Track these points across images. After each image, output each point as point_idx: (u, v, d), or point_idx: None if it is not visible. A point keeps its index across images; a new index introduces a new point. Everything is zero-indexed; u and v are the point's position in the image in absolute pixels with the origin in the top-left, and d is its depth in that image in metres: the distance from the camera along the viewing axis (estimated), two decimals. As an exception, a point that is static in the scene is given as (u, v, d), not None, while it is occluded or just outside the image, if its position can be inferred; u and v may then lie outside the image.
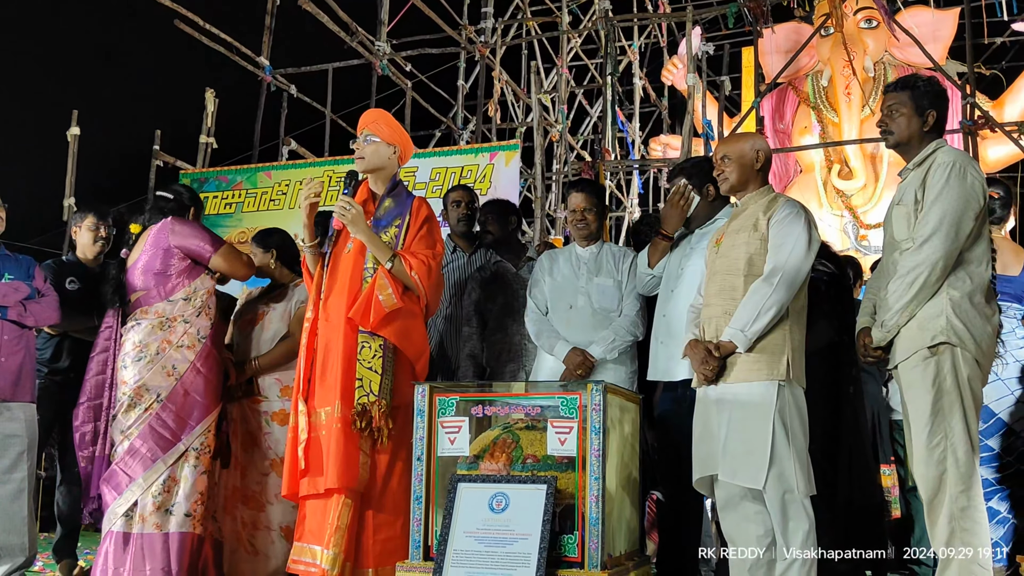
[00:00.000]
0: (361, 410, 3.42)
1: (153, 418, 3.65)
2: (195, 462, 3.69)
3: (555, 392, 3.20)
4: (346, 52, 9.32)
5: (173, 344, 3.74)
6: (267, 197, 7.32)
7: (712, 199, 3.73)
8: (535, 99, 8.30)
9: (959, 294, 2.93)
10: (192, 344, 3.77)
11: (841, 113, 9.54)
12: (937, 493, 2.86)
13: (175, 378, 3.71)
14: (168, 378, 3.70)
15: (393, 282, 3.52)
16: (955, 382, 2.89)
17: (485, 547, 2.98)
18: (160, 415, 3.66)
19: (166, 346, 3.74)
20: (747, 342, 3.05)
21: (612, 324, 3.82)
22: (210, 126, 8.36)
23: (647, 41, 12.35)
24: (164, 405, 3.67)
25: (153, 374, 3.70)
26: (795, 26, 9.95)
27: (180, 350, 3.75)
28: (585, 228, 3.96)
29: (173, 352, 3.73)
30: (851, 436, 3.64)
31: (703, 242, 3.63)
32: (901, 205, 3.11)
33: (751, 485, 3.00)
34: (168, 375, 3.71)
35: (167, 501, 3.63)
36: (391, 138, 3.72)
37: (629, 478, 3.36)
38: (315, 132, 9.71)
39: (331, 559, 3.35)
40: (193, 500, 3.65)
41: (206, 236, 3.90)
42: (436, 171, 6.80)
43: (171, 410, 3.68)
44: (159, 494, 3.61)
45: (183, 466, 3.67)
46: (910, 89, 3.13)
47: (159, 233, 3.86)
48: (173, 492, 3.64)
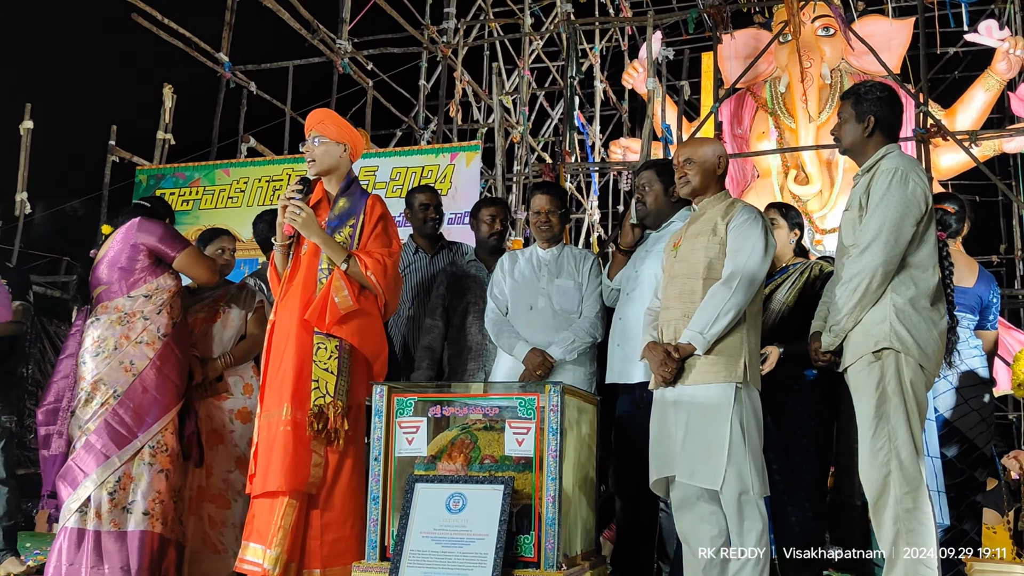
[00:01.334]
0: (318, 412, 3.41)
1: (109, 413, 3.62)
2: (151, 460, 3.65)
3: (513, 393, 3.22)
4: (307, 50, 9.27)
5: (132, 340, 3.72)
6: (225, 194, 7.25)
7: (675, 200, 3.79)
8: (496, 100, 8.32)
9: (902, 300, 3.00)
10: (152, 341, 3.74)
11: (798, 119, 9.65)
12: (882, 495, 2.93)
13: (132, 374, 3.68)
14: (126, 374, 3.67)
15: (349, 283, 3.51)
16: (898, 386, 2.95)
17: (442, 547, 2.99)
18: (116, 411, 3.63)
19: (124, 342, 3.71)
20: (706, 344, 3.10)
21: (572, 325, 3.86)
22: (168, 122, 8.28)
23: (608, 45, 12.41)
24: (121, 401, 3.64)
25: (111, 369, 3.67)
26: (754, 32, 10.06)
27: (139, 346, 3.72)
28: (548, 230, 4.00)
29: (131, 348, 3.71)
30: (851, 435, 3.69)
31: (659, 245, 3.69)
32: (849, 211, 3.19)
33: (708, 486, 3.05)
34: (126, 371, 3.68)
35: (123, 499, 3.59)
36: (339, 136, 3.71)
37: (586, 479, 3.39)
38: (275, 129, 9.65)
39: (273, 559, 3.33)
40: (151, 498, 3.61)
41: (172, 236, 3.90)
42: (397, 171, 6.79)
43: (128, 406, 3.64)
44: (115, 491, 3.58)
45: (138, 463, 3.63)
46: (853, 96, 3.23)
47: (127, 231, 3.86)
48: (129, 489, 3.60)
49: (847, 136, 3.22)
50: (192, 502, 3.93)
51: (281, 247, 3.65)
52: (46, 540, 5.51)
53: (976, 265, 4.19)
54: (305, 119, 3.83)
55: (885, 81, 5.52)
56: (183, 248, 3.87)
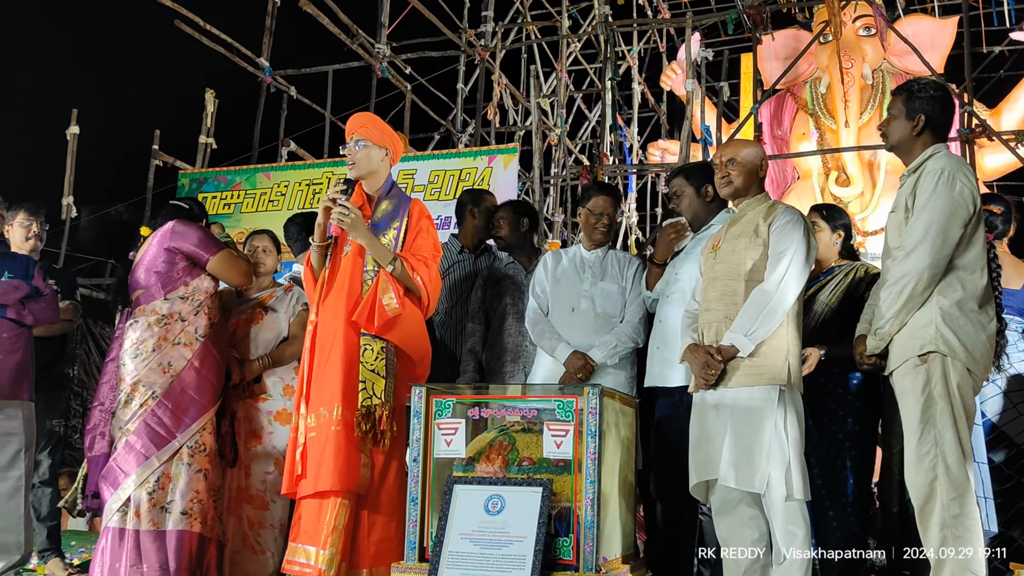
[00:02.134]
0: (366, 413, 3.44)
1: (148, 414, 3.65)
2: (189, 460, 3.68)
3: (552, 395, 3.20)
4: (346, 54, 9.33)
5: (170, 341, 3.75)
6: (266, 198, 7.32)
7: (710, 200, 3.76)
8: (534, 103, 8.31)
9: (949, 302, 2.94)
10: (189, 342, 3.78)
11: (839, 120, 9.54)
12: (928, 500, 2.88)
13: (171, 375, 3.71)
14: (164, 375, 3.71)
15: (395, 285, 3.54)
16: (945, 390, 2.90)
17: (480, 549, 2.99)
18: (155, 411, 3.66)
19: (162, 343, 3.74)
20: (749, 347, 3.08)
21: (615, 329, 3.84)
22: (210, 126, 8.36)
23: (646, 46, 12.36)
24: (159, 402, 3.67)
25: (149, 370, 3.70)
26: (794, 33, 9.97)
27: (177, 347, 3.75)
28: (604, 232, 3.98)
29: (170, 349, 3.74)
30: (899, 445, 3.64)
31: (698, 248, 3.67)
32: (895, 213, 3.14)
33: (751, 489, 3.03)
34: (164, 372, 3.71)
35: (163, 498, 3.62)
36: (381, 140, 3.73)
37: (625, 481, 3.37)
38: (315, 133, 9.72)
39: (327, 559, 3.36)
40: (189, 498, 3.64)
41: (206, 239, 3.92)
42: (435, 173, 6.81)
43: (166, 407, 3.68)
44: (154, 491, 3.61)
45: (176, 463, 3.66)
46: (905, 92, 3.17)
47: (163, 235, 3.90)
48: (168, 489, 3.63)
49: (895, 133, 3.17)
50: (232, 502, 3.96)
51: (319, 248, 3.67)
52: (91, 539, 5.59)
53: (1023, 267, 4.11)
54: (344, 123, 3.85)
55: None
56: (217, 251, 3.90)
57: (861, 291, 3.76)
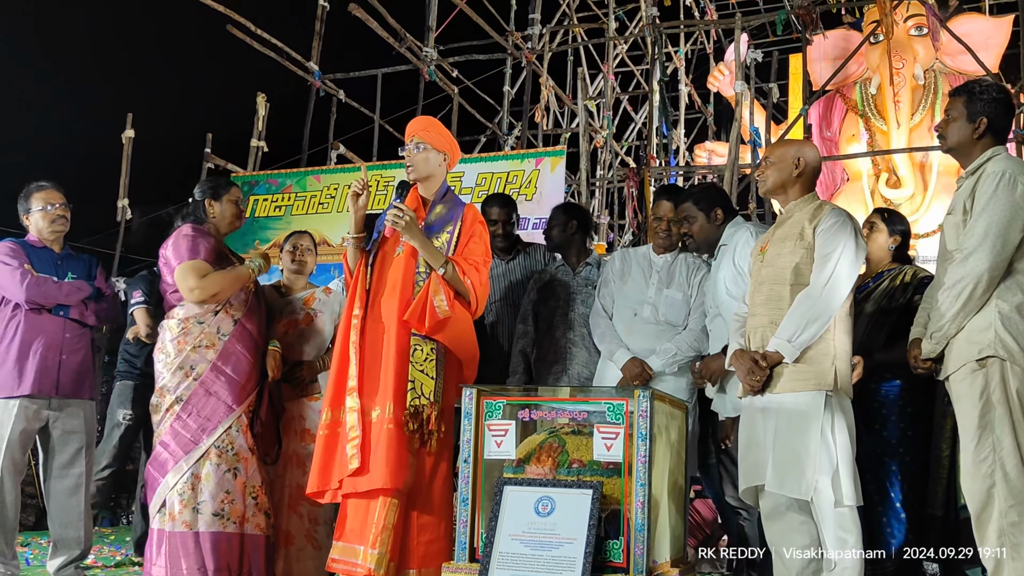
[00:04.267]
0: (414, 412, 3.47)
1: (175, 419, 3.67)
2: (218, 460, 3.67)
3: (602, 398, 3.22)
4: (394, 58, 9.42)
5: (189, 345, 3.73)
6: (316, 200, 7.41)
7: (720, 223, 3.76)
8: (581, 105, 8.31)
9: (1008, 306, 2.90)
10: (211, 344, 3.75)
11: (890, 121, 9.41)
12: (985, 507, 2.84)
13: (193, 379, 3.70)
14: (187, 379, 3.70)
15: (446, 287, 3.57)
16: (1004, 395, 2.86)
17: (530, 550, 3.00)
18: (181, 416, 3.67)
19: (183, 347, 3.73)
20: (794, 353, 3.05)
21: (676, 337, 3.84)
22: (261, 130, 8.49)
23: (693, 48, 12.31)
24: (184, 406, 3.67)
25: (172, 375, 3.71)
26: (844, 33, 9.85)
27: (198, 351, 3.73)
28: (667, 238, 3.98)
29: (191, 354, 3.72)
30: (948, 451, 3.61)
31: (720, 272, 3.72)
32: (952, 215, 3.09)
33: (799, 496, 3.00)
34: (186, 376, 3.70)
35: (193, 499, 3.63)
36: (441, 145, 3.77)
37: (675, 485, 3.37)
38: (363, 137, 9.80)
39: (377, 559, 3.37)
40: (220, 499, 3.64)
41: (180, 248, 3.78)
42: (482, 176, 6.84)
43: (191, 411, 3.67)
44: (184, 492, 3.63)
45: (206, 464, 3.66)
46: (966, 94, 3.11)
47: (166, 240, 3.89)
48: (198, 490, 3.64)
49: (954, 135, 3.11)
50: (292, 499, 4.01)
51: (354, 239, 3.69)
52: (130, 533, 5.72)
53: None
54: (392, 127, 3.89)
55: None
56: (180, 261, 3.76)
57: (909, 295, 3.71)
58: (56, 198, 4.16)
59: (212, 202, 3.97)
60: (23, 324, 3.97)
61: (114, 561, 5.04)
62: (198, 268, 3.75)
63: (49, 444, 4.04)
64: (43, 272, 4.04)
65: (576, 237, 4.43)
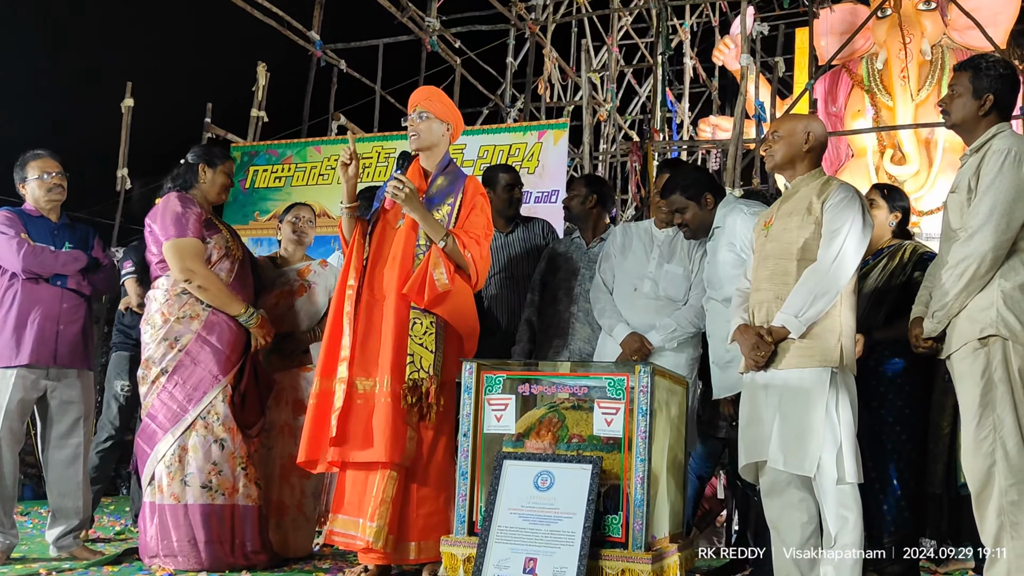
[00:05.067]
0: (412, 385, 3.45)
1: (160, 391, 3.67)
2: (204, 431, 3.67)
3: (603, 372, 3.20)
4: (396, 28, 9.33)
5: (174, 316, 3.72)
6: (316, 171, 7.36)
7: (711, 207, 3.73)
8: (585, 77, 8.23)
9: (1011, 285, 2.87)
10: (196, 314, 3.74)
11: (896, 97, 9.36)
12: (986, 486, 2.82)
13: (178, 350, 3.70)
14: (171, 350, 3.70)
15: (446, 261, 3.54)
16: (1005, 374, 2.83)
17: (530, 524, 3.00)
18: (167, 387, 3.67)
19: (168, 318, 3.72)
20: (800, 328, 3.02)
21: (675, 313, 3.81)
22: (261, 100, 8.41)
23: (698, 20, 12.19)
24: (169, 377, 3.67)
25: (156, 346, 3.71)
26: (851, 7, 9.76)
27: (183, 322, 3.72)
28: (669, 212, 3.94)
29: (176, 325, 3.71)
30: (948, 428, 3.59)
31: (715, 250, 3.70)
32: (956, 193, 3.05)
33: (801, 472, 2.99)
34: (171, 347, 3.70)
35: (180, 471, 3.63)
36: (444, 115, 3.73)
37: (675, 461, 3.36)
38: (364, 107, 9.73)
39: (375, 531, 3.38)
40: (207, 470, 3.64)
41: (169, 222, 3.74)
42: (484, 148, 6.79)
43: (177, 382, 3.67)
44: (172, 464, 3.63)
45: (192, 435, 3.66)
46: (971, 70, 3.05)
47: (153, 209, 3.86)
48: (185, 462, 3.64)
49: (958, 111, 3.06)
50: (284, 471, 4.01)
51: (347, 209, 3.66)
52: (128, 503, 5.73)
53: None
54: (394, 97, 3.86)
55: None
56: (169, 237, 3.73)
57: (909, 272, 3.69)
58: (52, 167, 4.13)
59: (206, 168, 3.95)
60: (20, 294, 3.94)
61: (113, 531, 5.05)
62: (194, 249, 3.74)
63: (47, 414, 4.03)
64: (40, 241, 4.01)
65: (594, 211, 4.36)
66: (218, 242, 3.87)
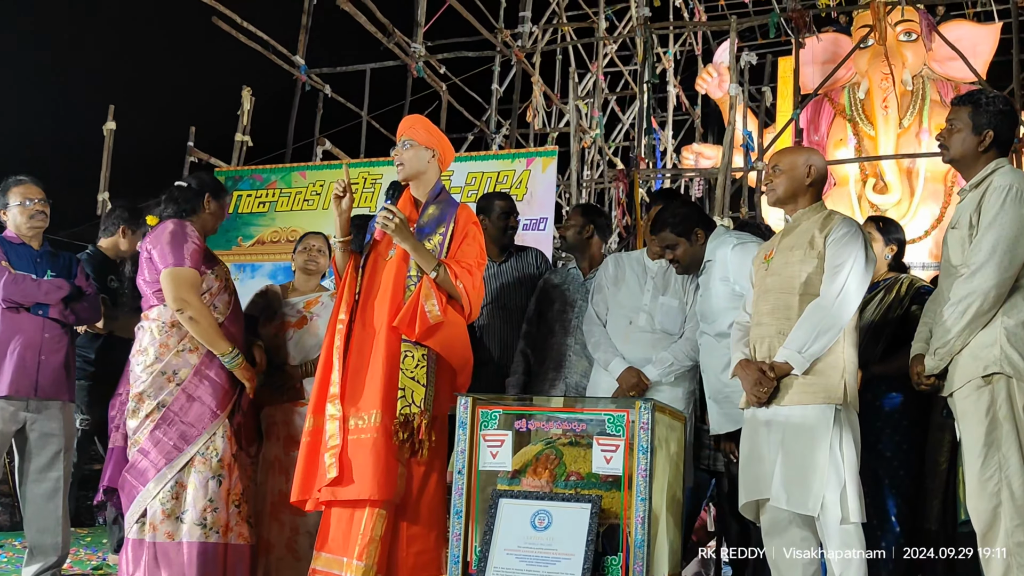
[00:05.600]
0: (404, 421, 3.37)
1: (156, 426, 3.53)
2: (202, 468, 3.55)
3: (602, 409, 3.14)
4: (382, 53, 9.30)
5: (172, 349, 3.59)
6: (301, 197, 7.28)
7: (702, 242, 3.70)
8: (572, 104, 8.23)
9: (1014, 322, 2.85)
10: (195, 347, 3.60)
11: (877, 126, 9.42)
12: (991, 527, 2.79)
13: (176, 383, 3.56)
14: (168, 383, 3.56)
15: (438, 292, 3.47)
16: (1010, 412, 2.81)
17: (527, 565, 2.94)
18: (162, 423, 3.53)
19: (164, 351, 3.59)
20: (804, 364, 2.99)
21: (672, 346, 3.76)
22: (246, 124, 8.34)
23: (681, 49, 12.26)
24: (165, 414, 3.53)
25: (152, 380, 3.57)
26: (833, 37, 9.84)
27: (181, 355, 3.59)
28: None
29: (173, 358, 3.58)
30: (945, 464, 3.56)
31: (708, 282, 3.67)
32: (956, 229, 3.03)
33: (805, 512, 2.95)
34: (168, 380, 3.57)
35: (176, 508, 3.52)
36: (428, 142, 3.68)
37: (674, 498, 3.30)
38: (350, 133, 9.69)
39: (362, 571, 3.28)
40: (203, 507, 3.53)
41: (169, 250, 3.61)
42: (472, 175, 6.75)
43: (173, 418, 3.54)
44: (167, 501, 3.51)
45: (190, 472, 3.54)
46: (971, 105, 3.05)
47: (147, 237, 3.74)
48: (182, 499, 3.53)
49: (958, 146, 3.05)
50: (275, 507, 3.91)
51: (340, 243, 3.61)
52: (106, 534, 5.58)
53: None
54: (380, 122, 3.83)
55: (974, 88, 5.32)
56: (169, 264, 3.59)
57: (906, 306, 3.67)
58: (35, 193, 4.03)
59: (211, 199, 3.85)
60: (0, 323, 3.84)
61: (91, 565, 4.92)
62: (191, 280, 3.61)
63: (26, 447, 3.91)
64: (21, 269, 3.91)
65: (591, 241, 4.30)
66: (219, 274, 3.76)
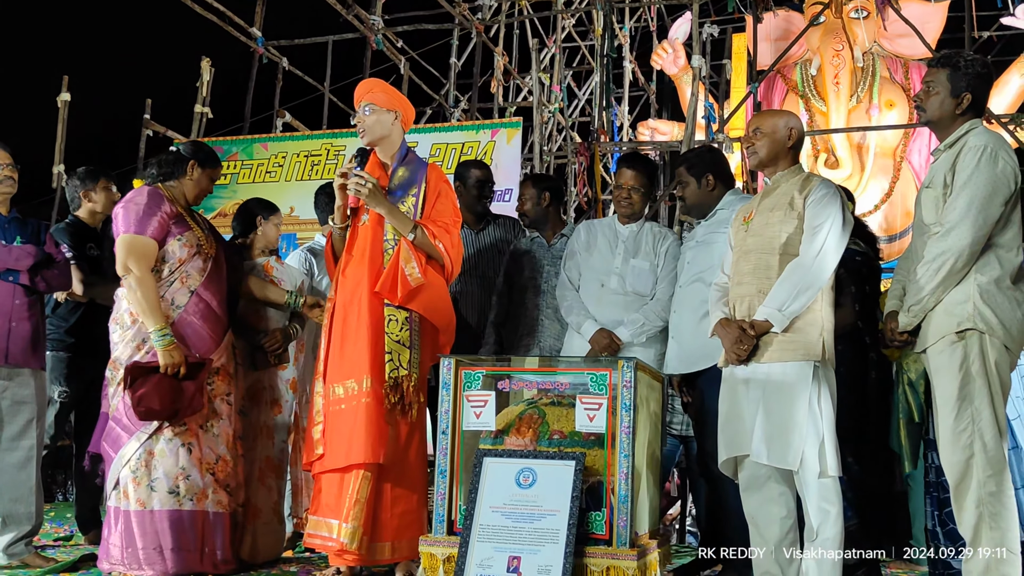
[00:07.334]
0: (393, 384, 3.40)
1: (127, 393, 3.50)
2: (171, 435, 3.52)
3: (585, 368, 3.18)
4: (341, 25, 9.21)
5: None
6: (263, 169, 7.22)
7: (712, 188, 3.75)
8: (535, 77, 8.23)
9: (987, 279, 2.92)
10: (166, 315, 3.56)
11: (829, 102, 9.61)
12: (964, 478, 2.87)
13: (145, 351, 3.54)
14: (138, 351, 3.54)
15: (417, 253, 3.48)
16: (982, 367, 2.88)
17: (512, 522, 2.96)
18: None
19: (137, 318, 3.56)
20: (784, 322, 3.04)
21: (643, 308, 3.81)
22: (205, 96, 8.21)
23: (637, 25, 12.30)
24: None
25: (124, 346, 3.57)
26: (785, 14, 9.99)
27: None
28: (628, 207, 3.93)
29: (144, 326, 3.54)
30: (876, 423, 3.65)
31: (708, 236, 3.70)
32: (930, 188, 3.08)
33: (785, 466, 3.01)
34: (138, 348, 3.55)
35: (147, 476, 3.49)
36: (389, 104, 3.66)
37: (653, 456, 3.36)
38: (310, 104, 9.58)
39: (350, 532, 3.32)
40: (175, 475, 3.51)
41: (129, 216, 3.57)
42: (436, 147, 6.74)
43: None
44: (137, 469, 3.49)
45: (159, 440, 3.52)
46: (950, 67, 3.07)
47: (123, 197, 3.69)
48: (151, 467, 3.50)
49: (935, 108, 3.09)
50: (262, 472, 3.91)
51: (340, 230, 3.61)
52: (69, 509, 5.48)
53: None
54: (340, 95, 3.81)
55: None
56: (126, 231, 3.56)
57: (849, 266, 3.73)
58: (3, 158, 3.95)
59: (195, 166, 3.81)
60: (-30, 289, 3.76)
61: (55, 536, 4.86)
62: (143, 250, 3.56)
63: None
64: (-11, 236, 3.84)
65: (550, 208, 4.35)
66: (189, 239, 3.68)
